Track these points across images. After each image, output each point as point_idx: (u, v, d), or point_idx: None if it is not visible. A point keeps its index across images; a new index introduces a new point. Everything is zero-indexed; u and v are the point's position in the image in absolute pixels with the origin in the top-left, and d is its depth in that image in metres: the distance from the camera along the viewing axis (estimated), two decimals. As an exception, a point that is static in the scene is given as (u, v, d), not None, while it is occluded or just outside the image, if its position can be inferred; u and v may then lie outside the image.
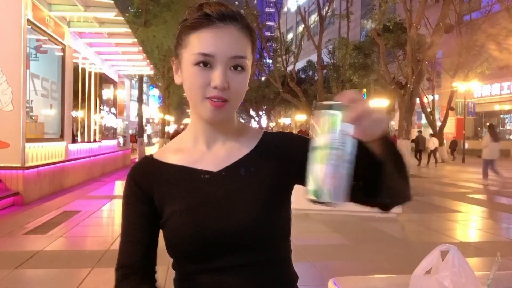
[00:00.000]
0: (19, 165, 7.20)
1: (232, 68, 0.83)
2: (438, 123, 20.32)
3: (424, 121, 20.67)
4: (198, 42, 0.82)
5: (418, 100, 15.64)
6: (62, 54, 9.44)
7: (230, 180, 0.87)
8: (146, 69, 15.85)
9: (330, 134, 0.69)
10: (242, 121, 1.37)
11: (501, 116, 26.04)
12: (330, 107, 0.69)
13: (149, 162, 0.93)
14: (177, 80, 0.91)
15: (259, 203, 0.84)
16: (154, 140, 45.92)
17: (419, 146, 18.46)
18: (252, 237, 0.83)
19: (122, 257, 0.90)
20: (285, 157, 0.91)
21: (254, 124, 42.20)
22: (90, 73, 12.07)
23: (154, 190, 0.88)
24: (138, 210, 0.89)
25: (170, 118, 35.85)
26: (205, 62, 0.82)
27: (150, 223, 0.88)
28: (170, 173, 0.89)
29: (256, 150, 0.92)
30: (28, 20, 7.44)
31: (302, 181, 0.89)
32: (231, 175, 0.87)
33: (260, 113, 42.94)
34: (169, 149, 0.95)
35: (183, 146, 0.93)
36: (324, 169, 0.69)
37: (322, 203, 0.70)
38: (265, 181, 0.87)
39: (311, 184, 0.70)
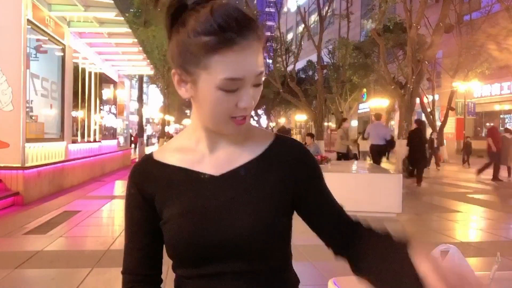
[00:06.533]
0: (19, 165, 7.20)
1: (254, 86, 0.79)
2: (438, 123, 20.28)
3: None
4: (224, 67, 0.75)
5: (418, 100, 15.63)
6: (62, 54, 9.45)
7: (230, 185, 0.84)
8: (146, 69, 15.86)
9: None
10: None
11: (501, 116, 26.01)
12: None
13: (149, 162, 0.90)
14: (184, 94, 0.84)
15: (259, 212, 0.82)
16: (153, 140, 45.89)
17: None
18: (251, 245, 0.81)
19: (127, 261, 0.89)
20: (290, 172, 0.88)
21: (253, 123, 42.09)
22: (90, 73, 12.08)
23: (154, 193, 0.87)
24: (140, 215, 0.88)
25: (170, 118, 35.86)
26: (233, 87, 0.77)
27: (153, 228, 0.87)
28: (170, 175, 0.86)
29: (262, 156, 0.88)
30: (28, 20, 7.43)
31: (300, 209, 0.89)
32: (232, 181, 0.85)
33: (259, 112, 42.94)
34: (169, 148, 0.91)
35: (184, 146, 0.89)
36: None
37: None
38: (266, 190, 0.85)
39: None
